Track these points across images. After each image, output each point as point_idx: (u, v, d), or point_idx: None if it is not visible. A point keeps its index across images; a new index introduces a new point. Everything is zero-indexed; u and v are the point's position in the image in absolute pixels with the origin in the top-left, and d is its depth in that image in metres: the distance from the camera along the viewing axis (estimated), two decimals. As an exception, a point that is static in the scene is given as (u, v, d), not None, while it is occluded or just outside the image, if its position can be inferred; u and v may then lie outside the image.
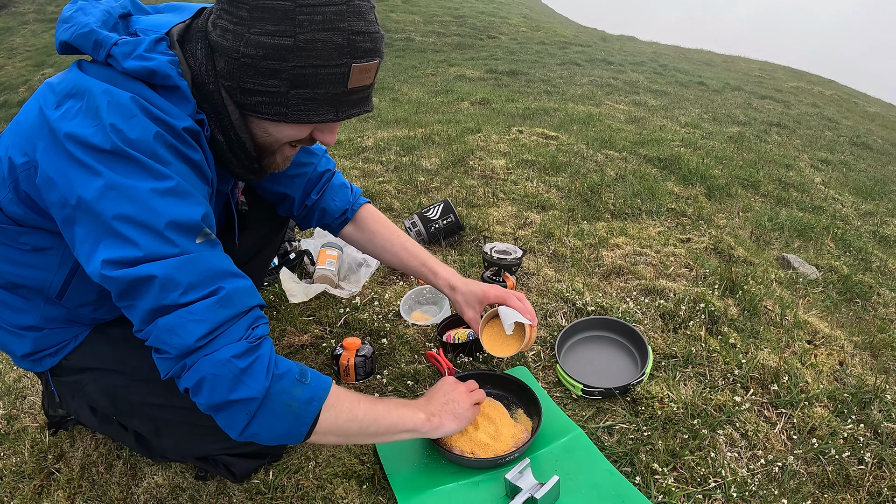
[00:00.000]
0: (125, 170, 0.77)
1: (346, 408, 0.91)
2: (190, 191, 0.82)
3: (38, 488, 1.20)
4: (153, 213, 0.77)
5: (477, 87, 5.75)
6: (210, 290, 0.79)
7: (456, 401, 1.11)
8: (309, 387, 0.85)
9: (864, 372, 1.49)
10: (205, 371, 0.79)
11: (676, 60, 9.12)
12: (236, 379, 0.79)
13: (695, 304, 1.69)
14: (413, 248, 1.35)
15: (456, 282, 1.30)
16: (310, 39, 0.80)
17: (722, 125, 4.97)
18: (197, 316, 0.77)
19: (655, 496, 1.10)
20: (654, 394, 1.34)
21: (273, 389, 0.81)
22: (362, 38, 0.84)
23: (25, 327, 1.01)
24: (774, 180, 3.40)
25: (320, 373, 0.91)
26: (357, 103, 0.90)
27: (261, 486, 1.15)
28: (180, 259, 0.78)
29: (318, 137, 0.95)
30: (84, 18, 0.85)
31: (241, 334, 0.81)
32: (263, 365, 0.81)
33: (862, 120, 7.16)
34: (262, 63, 0.82)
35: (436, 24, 9.89)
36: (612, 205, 2.55)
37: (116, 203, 0.77)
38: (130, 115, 0.78)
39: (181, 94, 0.85)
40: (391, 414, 0.99)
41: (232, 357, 0.79)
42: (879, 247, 2.75)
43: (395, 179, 2.78)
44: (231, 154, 0.94)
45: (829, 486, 1.15)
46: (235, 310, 0.81)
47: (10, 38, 10.59)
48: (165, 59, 0.84)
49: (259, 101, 0.86)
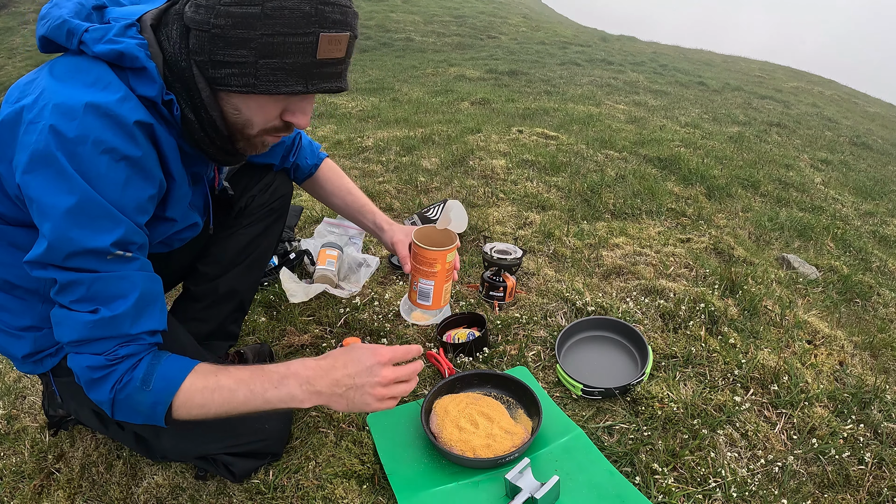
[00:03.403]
0: (50, 181, 0.79)
1: (196, 404, 0.91)
2: (109, 212, 0.83)
3: (38, 488, 1.20)
4: (63, 235, 0.80)
5: (477, 87, 5.75)
6: (93, 307, 0.84)
7: (361, 388, 0.94)
8: (152, 392, 0.88)
9: (864, 372, 1.49)
10: (71, 364, 0.88)
11: (676, 60, 9.12)
12: (88, 384, 0.87)
13: (695, 304, 1.69)
14: (357, 192, 1.49)
15: (390, 223, 1.44)
16: (277, 7, 0.81)
17: (722, 125, 4.97)
18: (74, 324, 0.84)
19: (655, 496, 1.10)
20: (654, 394, 1.34)
21: (118, 398, 0.87)
22: (331, 9, 0.84)
23: (24, 328, 1.01)
24: (774, 180, 3.40)
25: (180, 369, 0.90)
26: (328, 77, 0.89)
27: (261, 485, 1.15)
28: (78, 275, 0.83)
29: (290, 119, 0.94)
30: (57, 12, 0.87)
31: (103, 350, 0.86)
32: (111, 380, 0.86)
33: (862, 120, 7.16)
34: (231, 32, 0.83)
35: (436, 24, 9.89)
36: (612, 205, 2.55)
37: (39, 214, 0.81)
38: (73, 117, 0.79)
39: (148, 75, 0.86)
40: (255, 401, 0.92)
41: (87, 366, 0.86)
42: (879, 247, 2.75)
43: (395, 179, 2.78)
44: (203, 133, 0.94)
45: (829, 486, 1.15)
46: (105, 333, 0.85)
47: (10, 38, 10.58)
48: (134, 42, 0.86)
49: (229, 72, 0.86)
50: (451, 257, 1.26)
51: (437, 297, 1.28)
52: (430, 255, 1.24)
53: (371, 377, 0.95)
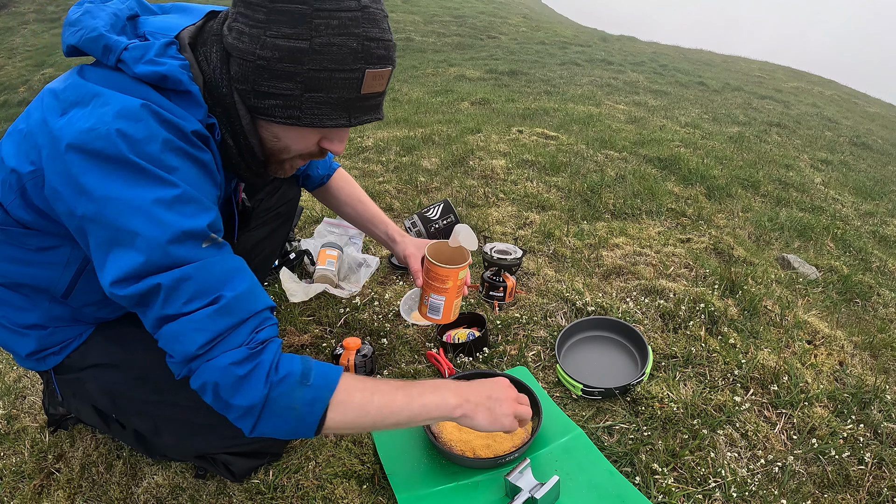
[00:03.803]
0: (131, 179, 0.77)
1: (356, 403, 0.88)
2: (196, 197, 0.82)
3: (38, 488, 1.20)
4: (157, 224, 0.77)
5: (477, 87, 5.75)
6: (211, 298, 0.79)
7: (499, 400, 1.03)
8: (311, 388, 0.84)
9: (864, 372, 1.49)
10: (206, 377, 0.80)
11: (676, 60, 9.12)
12: (235, 386, 0.80)
13: (695, 304, 1.69)
14: (369, 202, 1.50)
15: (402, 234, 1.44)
16: (325, 43, 0.81)
17: (722, 125, 4.97)
18: (197, 325, 0.78)
19: (655, 496, 1.10)
20: (654, 394, 1.34)
21: (273, 394, 0.82)
22: (376, 45, 0.85)
23: (30, 326, 1.01)
24: (774, 180, 3.40)
25: (332, 367, 0.89)
26: (369, 110, 0.91)
27: (261, 485, 1.15)
28: (184, 269, 0.78)
29: (327, 146, 0.95)
30: (92, 22, 0.85)
31: (242, 340, 0.81)
32: (262, 372, 0.81)
33: (862, 120, 7.16)
34: (277, 66, 0.82)
35: (436, 24, 9.89)
36: (612, 205, 2.55)
37: (121, 215, 0.77)
38: (137, 119, 0.78)
39: (192, 98, 0.85)
40: (413, 404, 0.94)
41: (230, 364, 0.79)
42: (879, 247, 2.75)
43: (395, 179, 2.78)
44: (240, 158, 0.95)
45: (829, 486, 1.15)
46: (236, 318, 0.81)
47: (10, 38, 10.59)
48: (176, 63, 0.84)
49: (273, 104, 0.86)
50: (462, 274, 1.26)
51: (447, 312, 1.28)
52: (442, 272, 1.24)
53: (505, 392, 1.05)
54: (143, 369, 1.06)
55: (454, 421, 0.99)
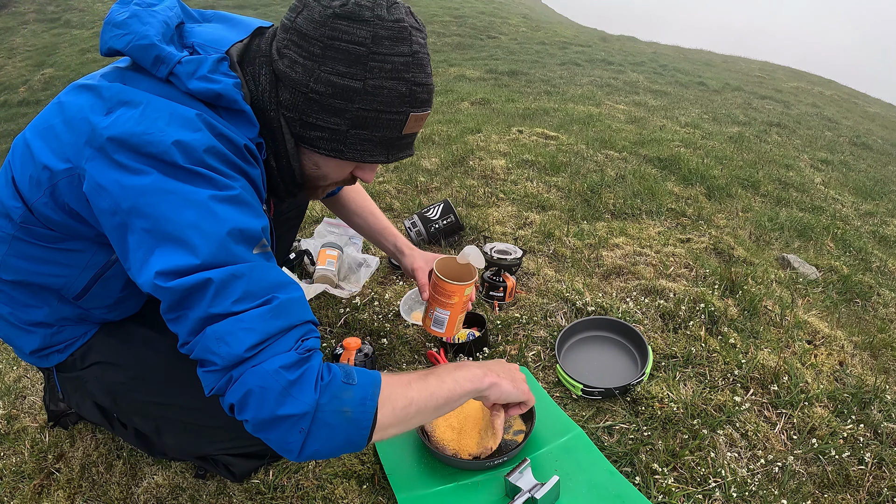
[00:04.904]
0: (184, 178, 0.76)
1: (399, 394, 0.85)
2: (251, 202, 0.81)
3: (38, 488, 1.20)
4: (214, 218, 0.75)
5: (477, 87, 5.75)
6: (264, 299, 0.76)
7: (512, 371, 1.07)
8: (358, 386, 0.80)
9: (864, 372, 1.49)
10: (251, 383, 0.73)
11: (676, 60, 9.12)
12: (284, 392, 0.74)
13: (695, 304, 1.69)
14: (380, 214, 1.49)
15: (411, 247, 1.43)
16: (378, 86, 0.84)
17: (722, 125, 4.97)
18: (248, 325, 0.74)
19: (655, 496, 1.10)
20: (654, 394, 1.34)
21: (323, 400, 0.76)
22: (421, 90, 0.89)
23: (36, 323, 1.01)
24: (774, 180, 3.40)
25: (365, 368, 0.87)
26: (405, 147, 0.96)
27: (261, 485, 1.15)
28: (237, 267, 0.75)
29: (360, 175, 1.01)
30: (142, 28, 0.83)
31: (291, 345, 0.77)
32: (313, 376, 0.76)
33: (862, 120, 7.16)
34: (328, 101, 0.85)
35: (436, 24, 9.88)
36: (612, 205, 2.55)
37: (175, 207, 0.74)
38: (195, 128, 0.78)
39: (246, 117, 0.86)
40: (445, 383, 0.92)
41: (280, 367, 0.74)
42: (879, 247, 2.75)
43: (395, 179, 2.78)
44: (280, 178, 0.98)
45: (829, 487, 1.15)
46: (288, 321, 0.77)
47: (10, 38, 10.59)
48: (230, 81, 0.83)
49: (318, 136, 0.89)
50: (469, 291, 1.28)
51: (450, 326, 1.30)
52: (450, 287, 1.25)
53: (512, 366, 1.10)
54: (146, 370, 1.06)
55: (483, 394, 0.99)
